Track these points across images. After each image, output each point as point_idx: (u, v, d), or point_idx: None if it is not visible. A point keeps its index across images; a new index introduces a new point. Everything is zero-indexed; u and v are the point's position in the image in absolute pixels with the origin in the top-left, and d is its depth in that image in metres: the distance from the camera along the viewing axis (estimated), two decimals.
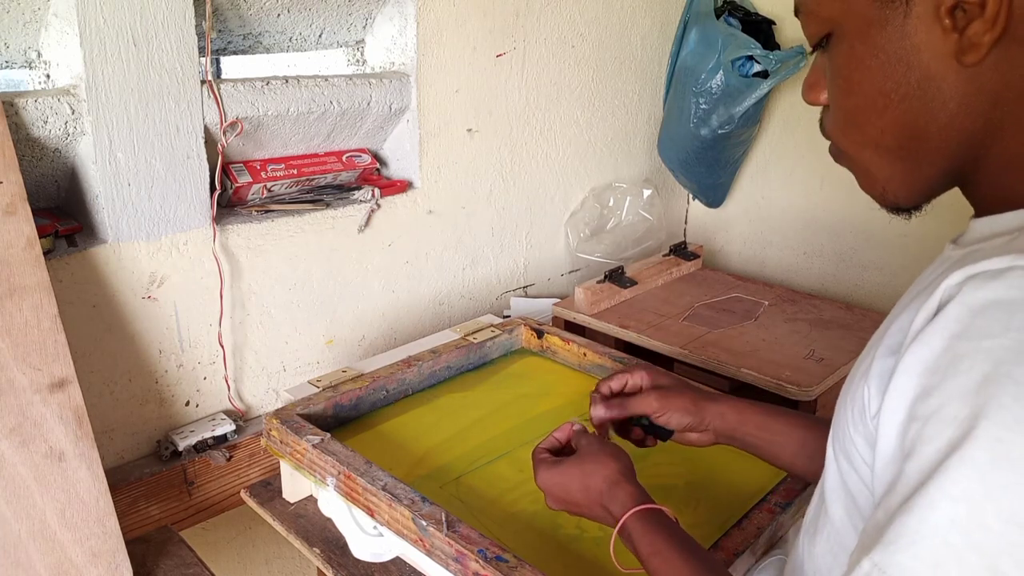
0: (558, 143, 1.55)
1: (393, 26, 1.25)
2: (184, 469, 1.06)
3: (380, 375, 1.07)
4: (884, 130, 0.54)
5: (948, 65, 0.50)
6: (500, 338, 1.22)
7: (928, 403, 0.43)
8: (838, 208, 1.68)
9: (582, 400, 1.10)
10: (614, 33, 1.58)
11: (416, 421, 1.05)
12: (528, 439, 1.00)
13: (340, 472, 0.86)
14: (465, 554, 0.74)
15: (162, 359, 1.07)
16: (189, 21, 0.98)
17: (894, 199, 0.58)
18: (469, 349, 1.17)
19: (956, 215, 1.44)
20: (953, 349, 0.43)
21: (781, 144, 1.73)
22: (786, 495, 0.86)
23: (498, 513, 0.86)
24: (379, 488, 0.82)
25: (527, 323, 1.25)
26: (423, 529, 0.78)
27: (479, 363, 1.20)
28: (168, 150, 1.01)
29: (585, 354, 1.18)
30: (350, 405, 1.03)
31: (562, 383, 1.16)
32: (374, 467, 0.86)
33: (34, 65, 0.98)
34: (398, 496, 0.81)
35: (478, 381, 1.16)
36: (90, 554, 0.85)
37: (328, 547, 0.94)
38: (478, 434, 1.02)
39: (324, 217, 1.19)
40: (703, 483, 0.94)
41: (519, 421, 1.06)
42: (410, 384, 1.10)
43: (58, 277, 0.94)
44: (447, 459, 0.97)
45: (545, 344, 1.23)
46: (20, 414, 0.82)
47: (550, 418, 1.07)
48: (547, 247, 1.60)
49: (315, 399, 1.00)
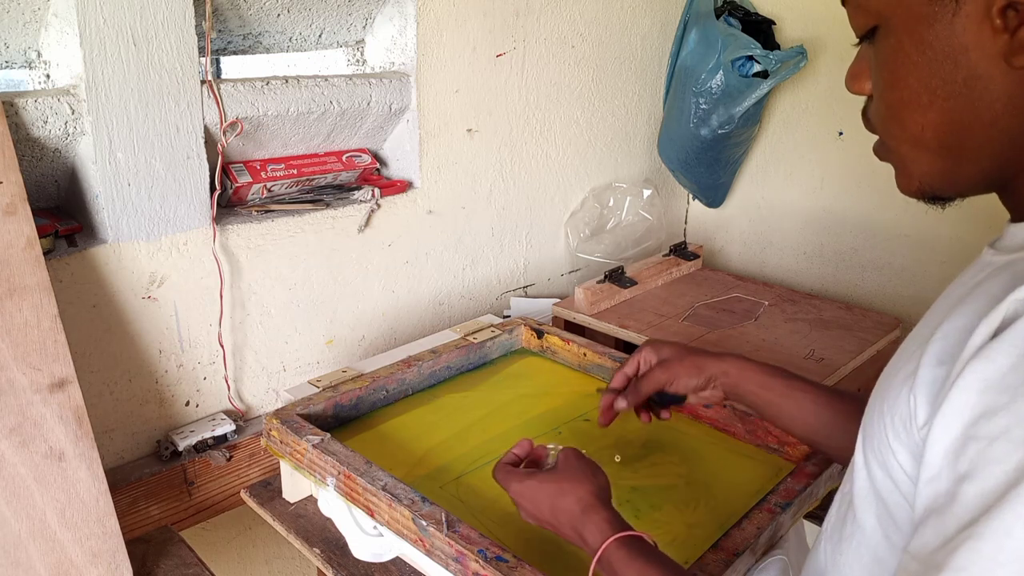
0: (558, 143, 1.55)
1: (393, 26, 1.25)
2: (184, 469, 1.06)
3: (380, 375, 1.07)
4: (926, 127, 0.54)
5: (996, 65, 0.49)
6: (500, 338, 1.22)
7: (994, 423, 0.41)
8: (838, 208, 1.68)
9: (582, 400, 1.11)
10: (614, 33, 1.58)
11: (416, 421, 1.05)
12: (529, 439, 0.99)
13: (340, 472, 0.86)
14: (465, 554, 0.74)
15: (162, 359, 1.07)
16: (189, 21, 0.98)
17: (932, 190, 0.57)
18: (469, 349, 1.17)
19: (956, 215, 1.45)
20: (1021, 368, 0.41)
21: (781, 144, 1.73)
22: (786, 495, 0.86)
23: (498, 513, 0.86)
24: (379, 488, 0.82)
25: (527, 323, 1.25)
26: (423, 529, 0.78)
27: (479, 363, 1.20)
28: (168, 150, 1.01)
29: (585, 354, 1.18)
30: (350, 405, 1.03)
31: (562, 383, 1.16)
32: (374, 467, 0.86)
33: (34, 65, 0.98)
34: (398, 496, 0.81)
35: (478, 381, 1.16)
36: (90, 554, 0.85)
37: (328, 547, 0.94)
38: (478, 434, 1.02)
39: (324, 217, 1.19)
40: (703, 482, 0.94)
41: (519, 421, 1.06)
42: (410, 384, 1.10)
43: (58, 277, 0.94)
44: (447, 459, 0.97)
45: (545, 344, 1.23)
46: (20, 414, 0.82)
47: (550, 418, 1.07)
48: (547, 247, 1.60)
49: (315, 399, 1.00)
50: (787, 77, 1.47)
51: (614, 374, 0.94)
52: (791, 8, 1.62)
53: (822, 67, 1.61)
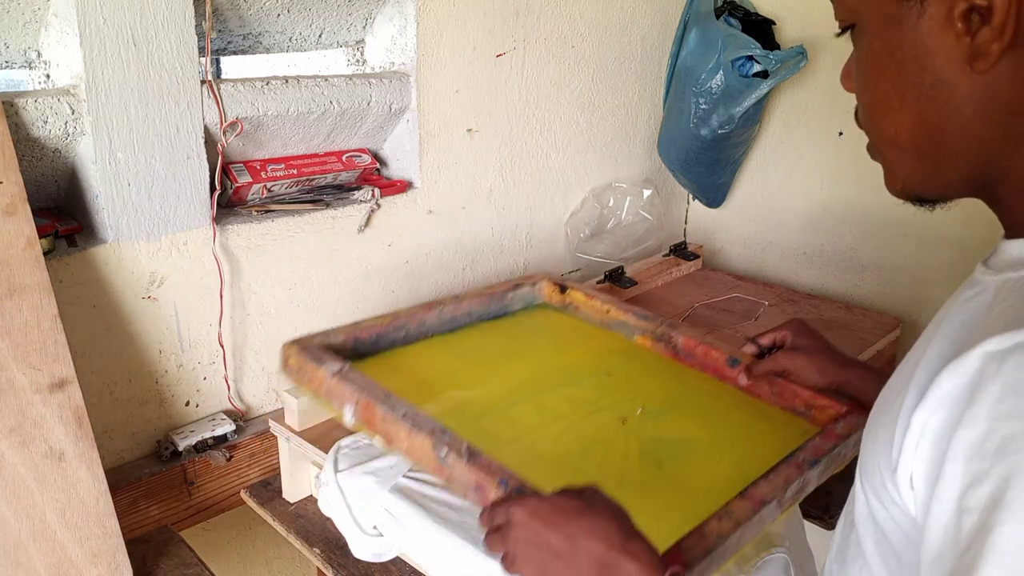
0: (558, 143, 1.55)
1: (393, 26, 1.25)
2: (184, 469, 1.06)
3: (401, 315, 1.03)
4: (899, 130, 0.53)
5: (961, 69, 0.48)
6: (522, 290, 1.18)
7: (980, 491, 0.41)
8: (838, 208, 1.68)
9: (604, 356, 1.08)
10: (614, 33, 1.58)
11: (435, 362, 1.01)
12: (549, 388, 0.97)
13: (359, 400, 0.82)
14: (485, 484, 0.71)
15: (162, 359, 1.07)
16: (189, 21, 0.98)
17: (915, 192, 0.57)
18: (491, 298, 1.14)
19: (957, 215, 1.44)
20: (999, 431, 0.41)
21: (781, 144, 1.73)
22: (814, 452, 0.83)
23: (519, 452, 0.83)
24: (399, 416, 0.79)
25: (550, 278, 1.22)
26: (443, 459, 0.75)
27: (499, 313, 1.16)
28: (168, 150, 1.01)
29: (608, 311, 1.15)
30: (370, 340, 0.99)
31: (584, 339, 1.13)
32: (394, 397, 0.82)
33: (34, 65, 0.98)
34: (419, 424, 0.78)
35: (498, 330, 1.12)
36: (90, 554, 0.85)
37: (328, 547, 0.94)
38: (499, 379, 0.99)
39: (324, 217, 1.19)
40: (728, 439, 0.90)
41: (539, 371, 1.02)
42: (430, 327, 1.06)
43: (58, 277, 0.94)
44: (466, 400, 0.93)
45: (568, 300, 1.20)
46: (20, 414, 0.82)
47: (572, 371, 1.03)
48: (547, 247, 1.60)
49: (335, 332, 0.96)
50: (787, 77, 1.47)
51: (751, 340, 0.97)
52: (791, 8, 1.62)
53: (822, 67, 1.61)
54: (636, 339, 1.11)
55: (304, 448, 1.00)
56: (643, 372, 0.91)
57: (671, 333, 1.08)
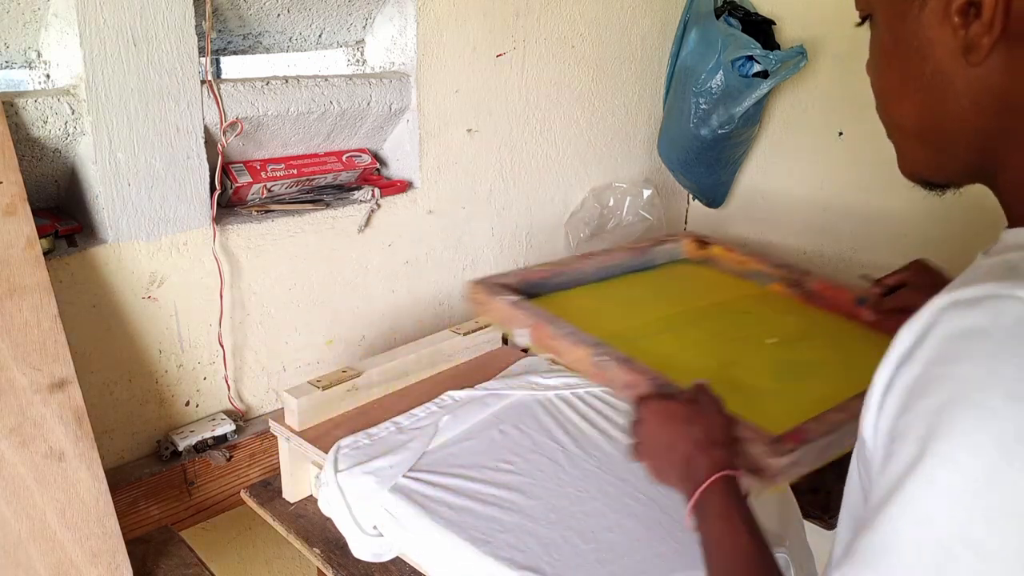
0: (558, 143, 1.55)
1: (393, 26, 1.25)
2: (184, 469, 1.06)
3: (561, 264, 1.23)
4: (904, 116, 0.57)
5: (957, 61, 0.51)
6: (666, 246, 1.34)
7: (902, 420, 0.45)
8: (838, 208, 1.68)
9: (741, 300, 1.24)
10: (614, 33, 1.58)
11: (590, 302, 1.18)
12: (691, 324, 1.13)
13: (532, 324, 1.02)
14: (635, 382, 0.85)
15: (162, 359, 1.07)
16: (189, 21, 0.98)
17: (922, 176, 0.59)
18: (639, 251, 1.31)
19: (957, 215, 1.44)
20: (928, 373, 0.44)
21: (781, 144, 1.73)
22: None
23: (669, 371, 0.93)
24: (564, 333, 0.97)
25: (692, 235, 1.39)
26: (600, 365, 0.92)
27: (645, 266, 1.32)
28: (168, 150, 1.01)
29: (746, 262, 1.30)
30: (537, 282, 1.17)
31: (723, 287, 1.27)
32: (560, 320, 1.01)
33: (34, 65, 0.98)
34: (580, 339, 0.96)
35: (644, 280, 1.29)
36: (90, 554, 0.85)
37: (328, 547, 0.94)
38: (646, 316, 1.15)
39: (324, 217, 1.19)
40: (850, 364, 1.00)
41: (683, 310, 1.17)
42: (586, 274, 1.24)
43: (58, 277, 0.94)
44: (618, 329, 1.07)
45: (708, 254, 1.35)
46: (20, 414, 0.82)
47: (712, 311, 1.18)
48: (547, 247, 1.60)
49: (508, 275, 1.15)
50: (787, 77, 1.47)
51: (877, 281, 1.07)
52: (791, 8, 1.61)
53: (822, 67, 1.61)
54: (770, 286, 1.28)
55: (304, 448, 1.00)
56: (777, 312, 1.08)
57: (803, 279, 1.22)
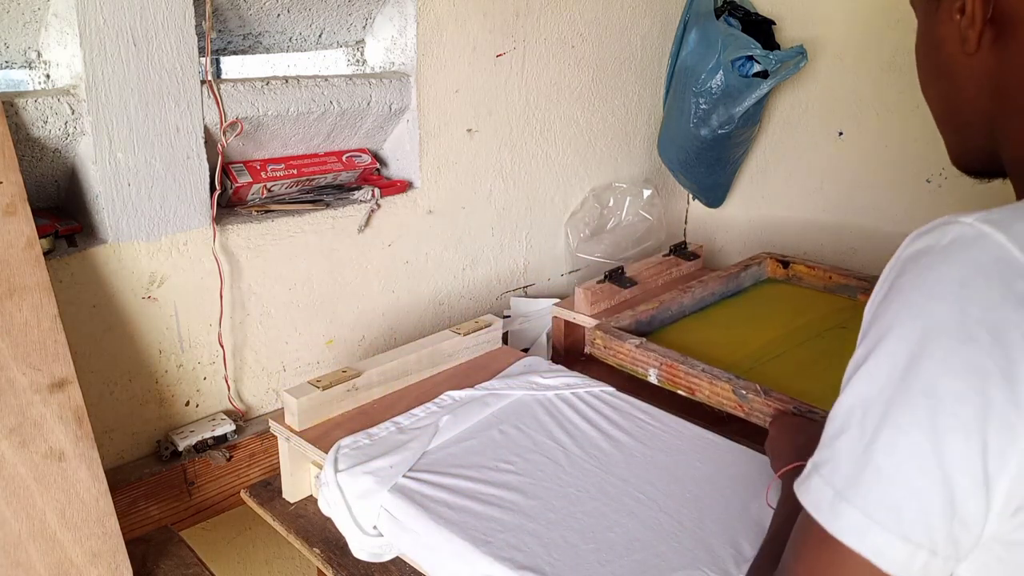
0: (558, 143, 1.55)
1: (393, 26, 1.25)
2: (184, 469, 1.06)
3: (664, 300, 1.32)
4: (931, 102, 0.64)
5: (961, 53, 0.57)
6: (751, 269, 1.46)
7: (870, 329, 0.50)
8: (838, 208, 1.68)
9: (835, 313, 1.33)
10: (614, 33, 1.58)
11: (699, 333, 1.27)
12: (796, 344, 1.22)
13: (661, 363, 1.09)
14: (780, 410, 0.93)
15: (162, 359, 1.07)
16: (189, 21, 0.98)
17: (962, 164, 0.64)
18: (728, 279, 1.42)
19: None
20: (883, 285, 0.50)
21: (781, 144, 1.73)
22: None
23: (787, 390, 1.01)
24: (699, 371, 1.04)
25: (772, 256, 1.50)
26: (743, 397, 0.99)
27: (736, 291, 1.43)
28: (168, 150, 1.01)
29: (831, 277, 1.38)
30: (647, 321, 1.27)
31: (815, 303, 1.37)
32: (689, 358, 1.07)
33: (34, 65, 0.98)
34: (717, 375, 1.04)
35: (738, 304, 1.40)
36: (90, 554, 0.85)
37: (328, 547, 0.94)
38: (754, 341, 1.23)
39: (324, 217, 1.20)
40: None
41: (784, 331, 1.27)
42: (686, 306, 1.35)
43: (58, 277, 0.94)
44: (735, 358, 1.16)
45: (791, 272, 1.46)
46: (20, 414, 0.82)
47: (811, 328, 1.28)
48: (547, 247, 1.60)
49: (621, 317, 1.24)
50: (787, 77, 1.47)
51: None
52: (791, 8, 1.61)
53: (822, 67, 1.61)
54: (859, 297, 1.38)
55: (304, 448, 1.00)
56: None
57: None
